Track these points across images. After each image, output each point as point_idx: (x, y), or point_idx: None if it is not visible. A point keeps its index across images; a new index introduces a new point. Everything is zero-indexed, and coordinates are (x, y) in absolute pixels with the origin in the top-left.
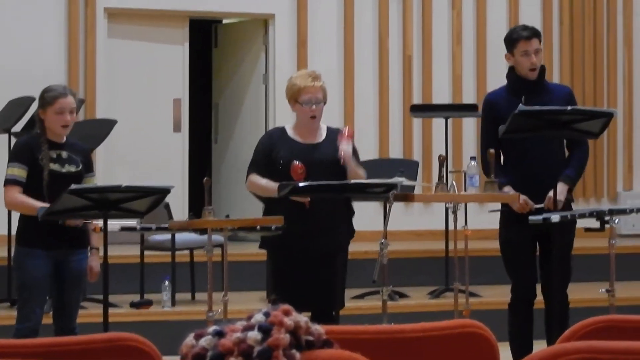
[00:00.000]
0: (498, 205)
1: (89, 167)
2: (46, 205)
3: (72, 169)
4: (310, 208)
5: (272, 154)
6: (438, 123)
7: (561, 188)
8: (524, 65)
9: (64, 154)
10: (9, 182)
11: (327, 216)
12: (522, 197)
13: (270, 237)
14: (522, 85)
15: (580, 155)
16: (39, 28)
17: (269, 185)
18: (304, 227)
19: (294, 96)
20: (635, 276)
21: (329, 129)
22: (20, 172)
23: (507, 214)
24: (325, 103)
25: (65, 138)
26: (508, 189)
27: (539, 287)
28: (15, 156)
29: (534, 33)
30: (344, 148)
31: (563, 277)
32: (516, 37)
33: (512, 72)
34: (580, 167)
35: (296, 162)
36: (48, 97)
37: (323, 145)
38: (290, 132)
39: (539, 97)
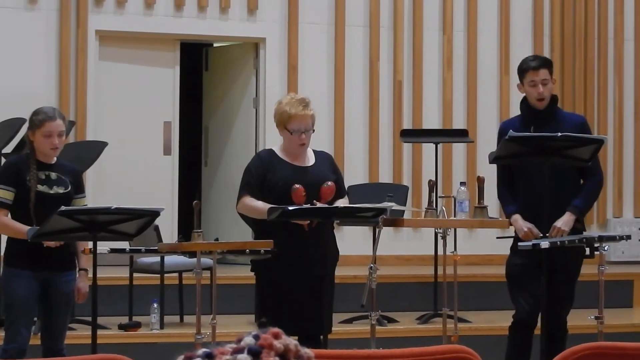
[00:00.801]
0: (505, 232)
1: (79, 188)
2: (35, 227)
3: (61, 190)
4: (304, 231)
5: (267, 176)
6: (428, 148)
7: (567, 218)
8: (532, 95)
9: (53, 175)
10: None
11: (318, 240)
12: (527, 225)
13: (261, 260)
14: (533, 115)
15: (591, 185)
16: (30, 50)
17: (266, 208)
18: (296, 250)
19: (283, 122)
20: (625, 303)
21: (315, 152)
22: (5, 193)
23: (517, 240)
24: (314, 131)
25: (55, 159)
26: (517, 217)
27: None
28: (0, 178)
29: (542, 63)
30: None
31: (565, 304)
32: (525, 68)
33: (524, 102)
34: (590, 198)
35: (297, 186)
36: (36, 120)
37: (315, 168)
38: (280, 154)
39: (549, 126)
